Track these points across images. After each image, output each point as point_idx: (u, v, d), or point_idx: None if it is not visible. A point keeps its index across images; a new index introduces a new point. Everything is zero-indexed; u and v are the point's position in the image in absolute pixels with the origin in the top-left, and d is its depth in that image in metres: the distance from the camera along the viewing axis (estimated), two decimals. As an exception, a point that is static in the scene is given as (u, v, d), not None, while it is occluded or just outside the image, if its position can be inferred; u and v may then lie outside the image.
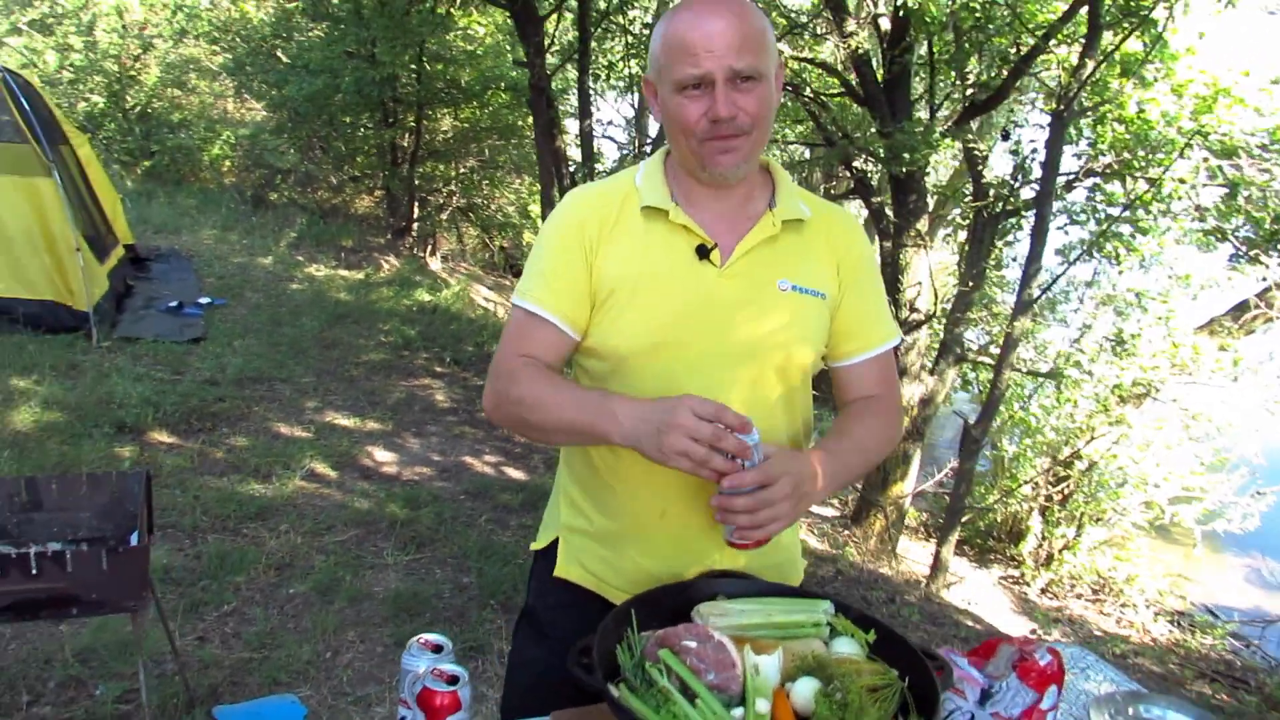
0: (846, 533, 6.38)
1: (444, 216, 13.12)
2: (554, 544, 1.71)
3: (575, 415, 1.44)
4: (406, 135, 11.95)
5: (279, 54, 11.72)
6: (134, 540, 2.27)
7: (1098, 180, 6.74)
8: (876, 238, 6.94)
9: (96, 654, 2.91)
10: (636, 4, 8.87)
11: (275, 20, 12.22)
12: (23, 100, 5.86)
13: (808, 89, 7.52)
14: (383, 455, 5.00)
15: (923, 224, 6.41)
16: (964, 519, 6.84)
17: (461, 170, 12.94)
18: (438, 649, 1.41)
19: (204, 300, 7.36)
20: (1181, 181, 6.08)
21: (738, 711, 1.30)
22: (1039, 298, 5.81)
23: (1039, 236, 5.09)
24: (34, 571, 2.00)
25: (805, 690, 1.32)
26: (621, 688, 1.34)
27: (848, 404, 1.70)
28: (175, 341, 6.18)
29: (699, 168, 1.53)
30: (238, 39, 12.37)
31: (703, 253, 1.54)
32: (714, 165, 1.51)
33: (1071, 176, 6.78)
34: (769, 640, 1.43)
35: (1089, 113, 6.15)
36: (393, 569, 3.74)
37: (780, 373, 1.59)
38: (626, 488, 1.60)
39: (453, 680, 1.30)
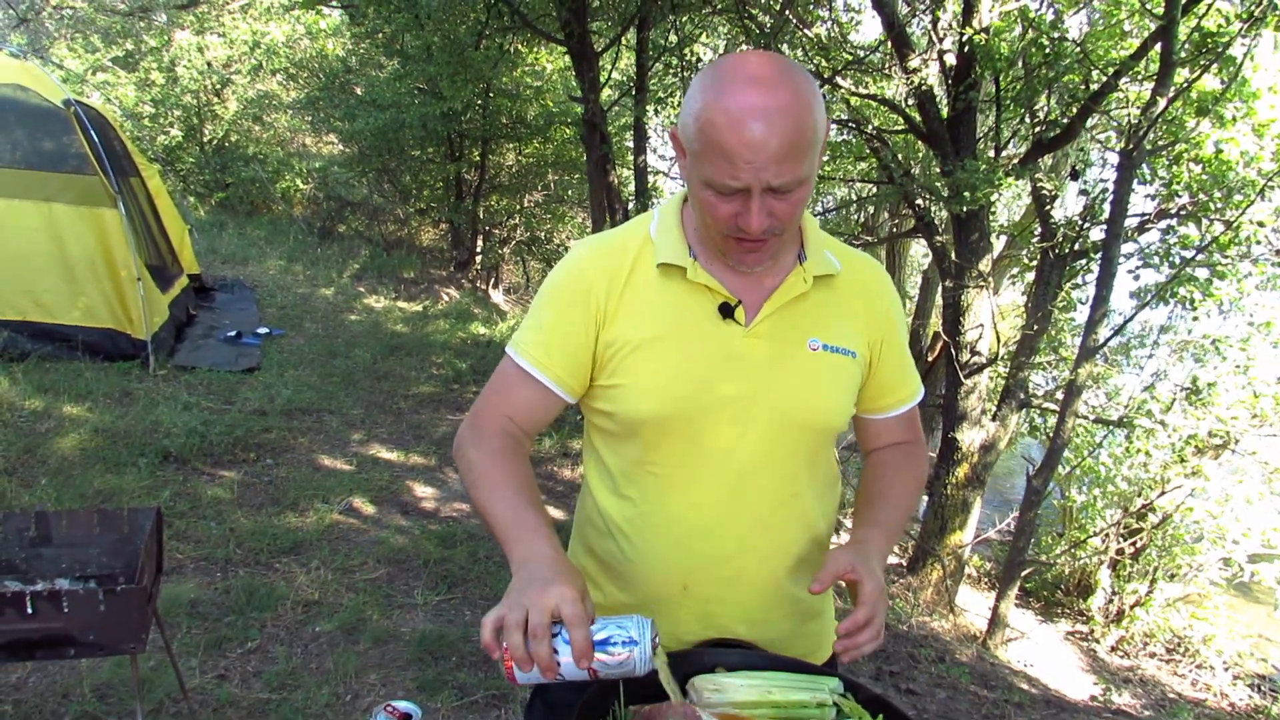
0: (901, 581, 6.14)
1: (507, 250, 13.23)
2: None
3: (497, 519, 1.34)
4: (471, 169, 12.10)
5: (356, 89, 11.99)
6: (136, 579, 2.22)
7: (1172, 222, 6.47)
8: (938, 277, 6.73)
9: (114, 690, 2.88)
10: (697, 40, 8.84)
11: (349, 55, 12.52)
12: (92, 133, 6.03)
13: (870, 125, 7.39)
14: (423, 490, 4.95)
15: (985, 264, 6.20)
16: (1027, 571, 6.57)
17: (525, 204, 13.05)
18: (405, 718, 1.32)
19: (262, 330, 7.46)
20: (1260, 225, 5.80)
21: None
22: (1105, 343, 5.55)
23: (1106, 279, 4.86)
24: (30, 611, 1.96)
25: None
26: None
27: (875, 451, 1.64)
28: (230, 371, 6.25)
29: (721, 253, 1.44)
30: (314, 74, 12.70)
31: (726, 311, 1.44)
32: (740, 261, 1.43)
33: (1144, 218, 6.52)
34: (765, 724, 1.30)
35: (1162, 152, 5.92)
36: (421, 609, 3.66)
37: (809, 434, 1.49)
38: (646, 562, 1.50)
39: (415, 755, 1.20)
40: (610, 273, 1.46)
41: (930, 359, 9.28)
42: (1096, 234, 6.29)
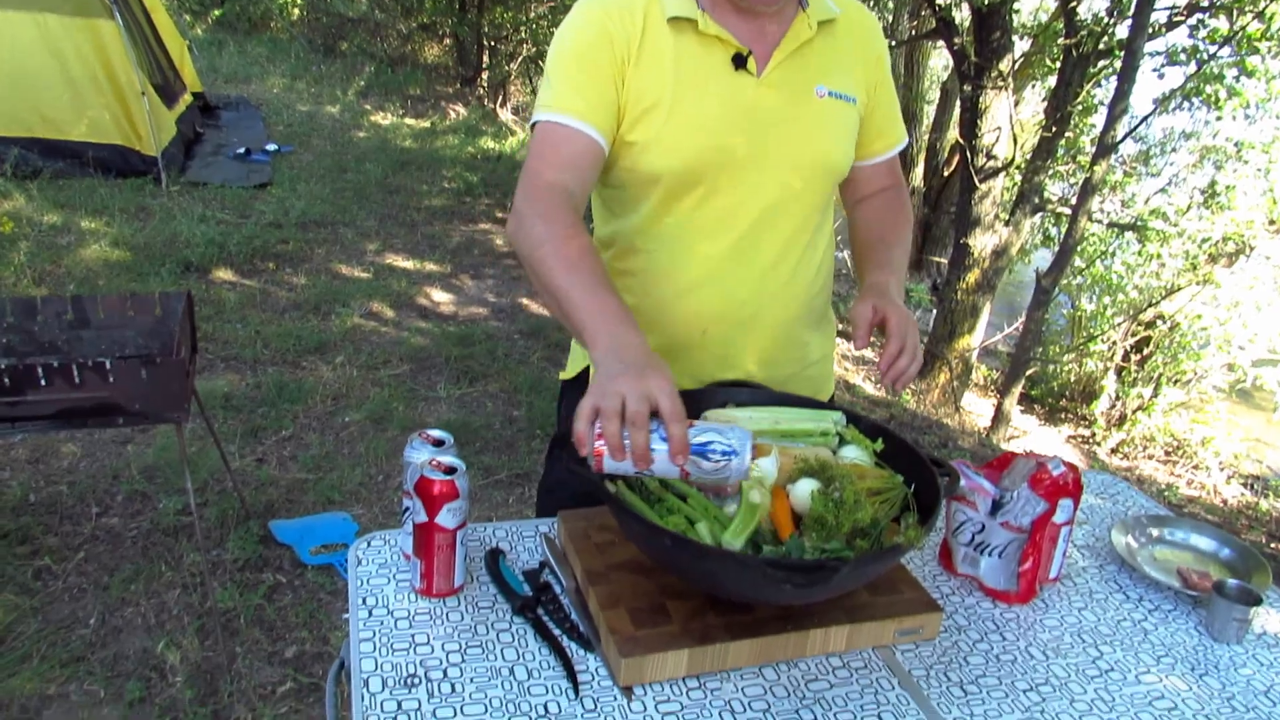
0: (909, 384, 6.30)
1: (513, 66, 12.86)
2: (584, 373, 1.67)
3: (575, 303, 1.28)
4: (474, -20, 11.62)
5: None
6: (174, 354, 2.33)
7: (1202, 16, 6.21)
8: (957, 89, 6.55)
9: (160, 471, 3.06)
10: None
11: None
12: (81, -61, 5.80)
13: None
14: (440, 296, 5.05)
15: (1005, 64, 6.02)
16: (1033, 372, 6.69)
17: (531, 16, 12.57)
18: (439, 443, 1.42)
19: (271, 147, 7.41)
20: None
21: (731, 507, 1.29)
22: (1124, 138, 5.46)
23: (1128, 73, 4.73)
24: (77, 381, 2.07)
25: (803, 490, 1.30)
26: (620, 485, 1.34)
27: (864, 200, 1.68)
28: (242, 186, 6.26)
29: None
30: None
31: (739, 62, 1.44)
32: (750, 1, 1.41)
33: (1173, 10, 6.25)
34: (770, 446, 1.40)
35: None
36: (445, 401, 3.81)
37: (819, 180, 1.53)
38: (663, 310, 1.55)
39: (450, 470, 1.31)
40: (625, 24, 1.44)
41: (947, 172, 9.16)
42: (1122, 31, 6.06)
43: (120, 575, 2.58)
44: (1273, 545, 4.82)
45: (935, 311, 6.61)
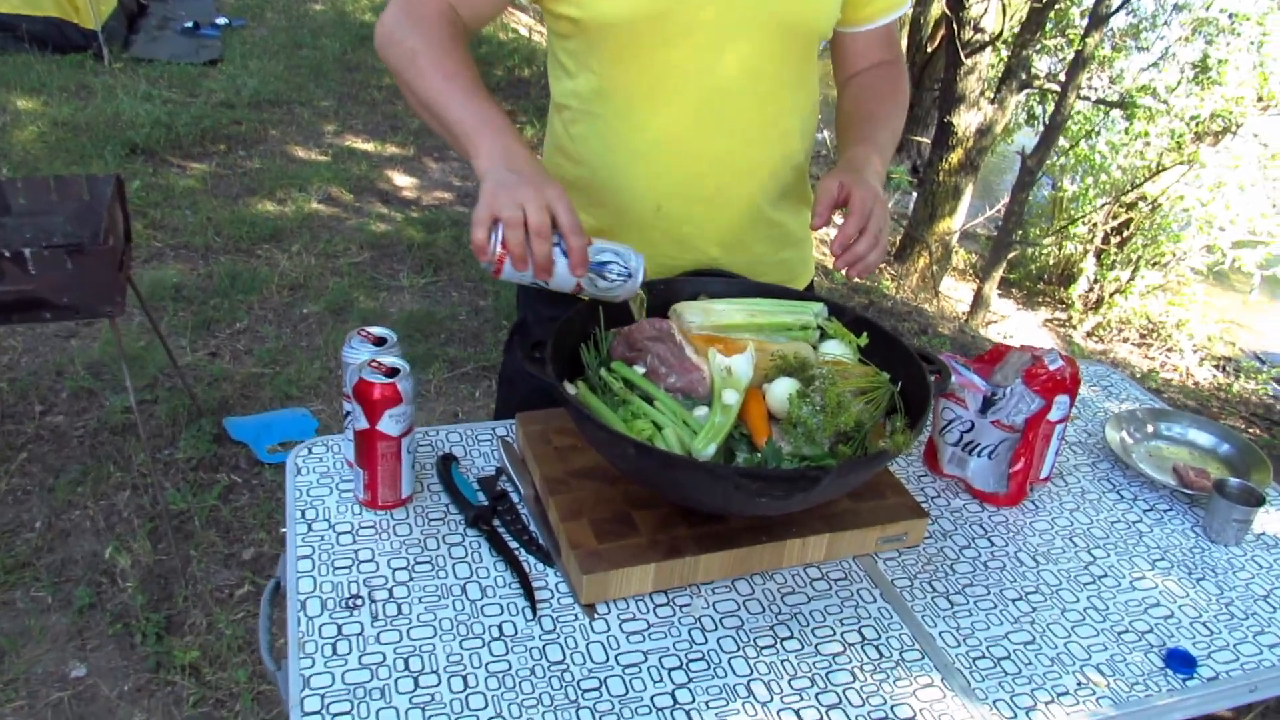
0: (888, 269, 6.19)
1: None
2: None
3: (454, 114, 1.20)
4: None
5: None
6: (102, 242, 2.15)
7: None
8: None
9: (107, 367, 2.91)
10: None
11: None
12: None
13: None
14: (402, 180, 4.83)
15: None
16: (1012, 255, 6.60)
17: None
18: (380, 341, 1.29)
19: (221, 21, 7.00)
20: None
21: (701, 411, 1.18)
22: (1117, 10, 5.21)
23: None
24: (-4, 272, 1.91)
25: (781, 391, 1.18)
26: (581, 385, 1.22)
27: (855, 76, 1.50)
28: (190, 63, 5.91)
29: None
30: None
31: None
32: None
33: None
34: (745, 342, 1.28)
35: None
36: (408, 291, 3.66)
37: (796, 41, 1.36)
38: (615, 181, 1.40)
39: (392, 373, 1.18)
40: None
41: (931, 47, 8.83)
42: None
43: (67, 477, 2.47)
44: (1251, 430, 4.83)
45: (916, 194, 6.45)
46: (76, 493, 2.42)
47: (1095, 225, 7.23)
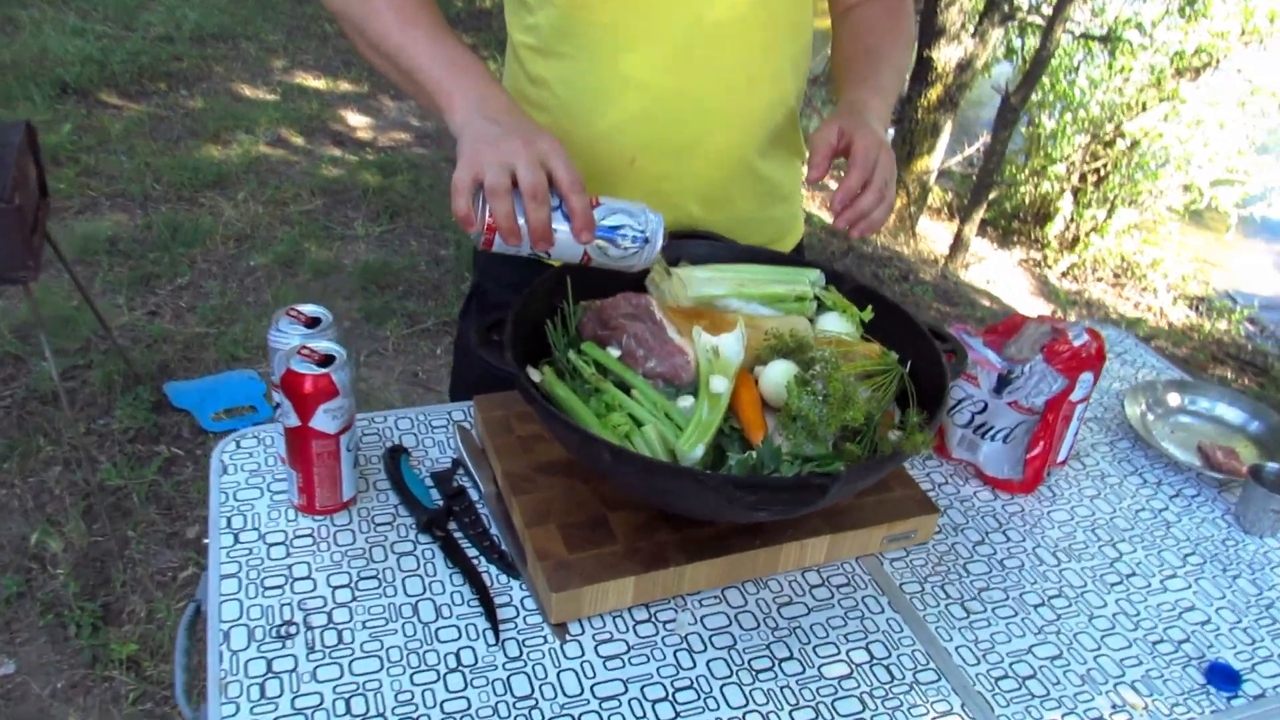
0: (862, 210, 6.03)
1: None
2: None
3: (422, 60, 1.04)
4: None
5: None
6: (5, 199, 1.94)
7: None
8: None
9: (37, 330, 2.70)
10: None
11: None
12: None
13: None
14: (356, 119, 4.59)
15: None
16: (991, 197, 6.46)
17: None
18: (313, 323, 1.12)
19: (159, -52, 6.60)
20: None
21: (686, 401, 1.02)
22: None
23: None
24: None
25: (777, 375, 1.03)
26: (547, 371, 1.06)
27: (854, 7, 1.35)
28: (126, -7, 5.57)
29: None
30: None
31: None
32: None
33: None
34: (735, 318, 1.13)
35: None
36: (363, 240, 3.47)
37: None
38: (583, 131, 1.23)
39: (326, 361, 1.01)
40: None
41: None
42: None
43: (-9, 451, 2.29)
44: (1218, 368, 4.79)
45: (893, 131, 6.26)
46: (2, 469, 2.24)
47: (1073, 163, 7.11)
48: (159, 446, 2.36)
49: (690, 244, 1.25)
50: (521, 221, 0.95)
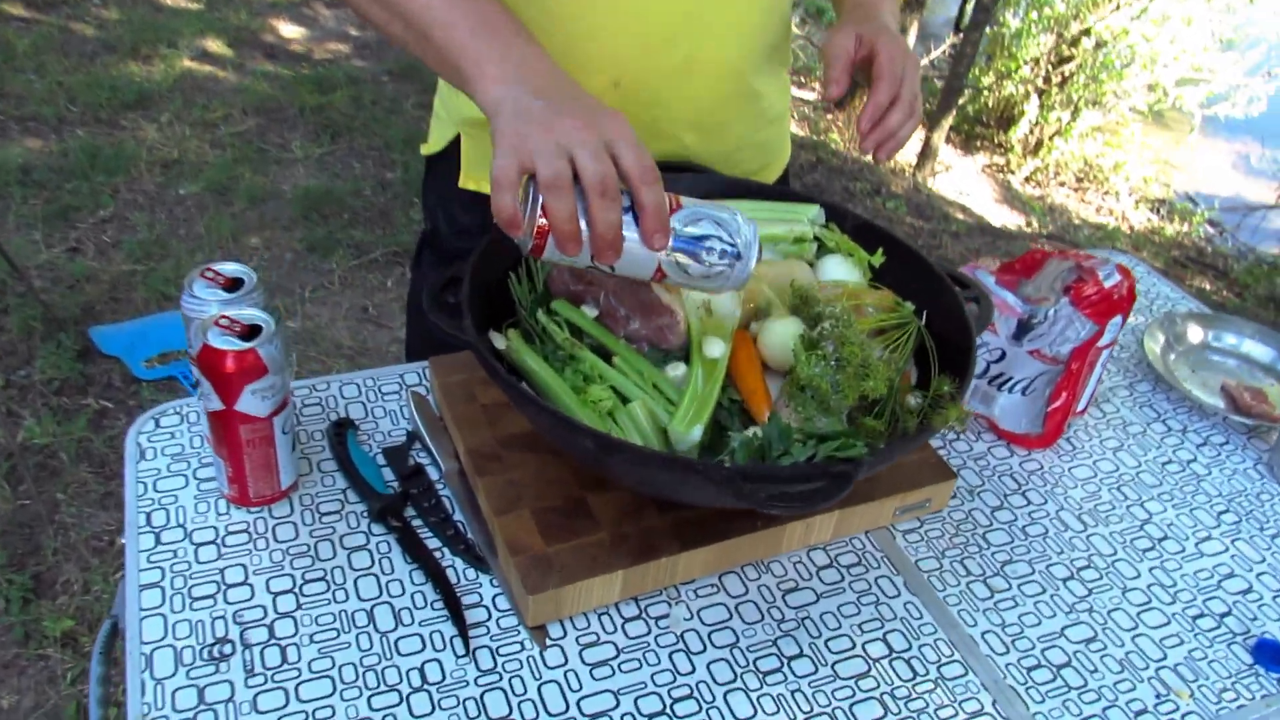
0: (830, 116, 5.84)
1: None
2: (454, 145, 1.19)
3: (434, 15, 0.83)
4: None
5: None
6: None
7: None
8: None
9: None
10: None
11: None
12: None
13: None
14: (290, 30, 4.30)
15: None
16: (963, 101, 6.30)
17: None
18: (233, 285, 0.96)
19: None
20: None
21: (677, 368, 0.89)
22: None
23: None
24: None
25: (780, 336, 0.90)
26: (513, 335, 0.91)
27: None
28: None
29: None
30: None
31: None
32: None
33: None
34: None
35: None
36: (302, 164, 3.25)
37: None
38: (559, 50, 1.04)
39: (251, 332, 0.86)
40: None
41: None
42: None
43: (-100, 409, 2.10)
44: (1181, 268, 4.75)
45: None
46: (-88, 429, 2.06)
47: (1038, 63, 6.96)
48: (87, 398, 2.18)
49: (673, 178, 1.09)
50: (583, 224, 0.74)
